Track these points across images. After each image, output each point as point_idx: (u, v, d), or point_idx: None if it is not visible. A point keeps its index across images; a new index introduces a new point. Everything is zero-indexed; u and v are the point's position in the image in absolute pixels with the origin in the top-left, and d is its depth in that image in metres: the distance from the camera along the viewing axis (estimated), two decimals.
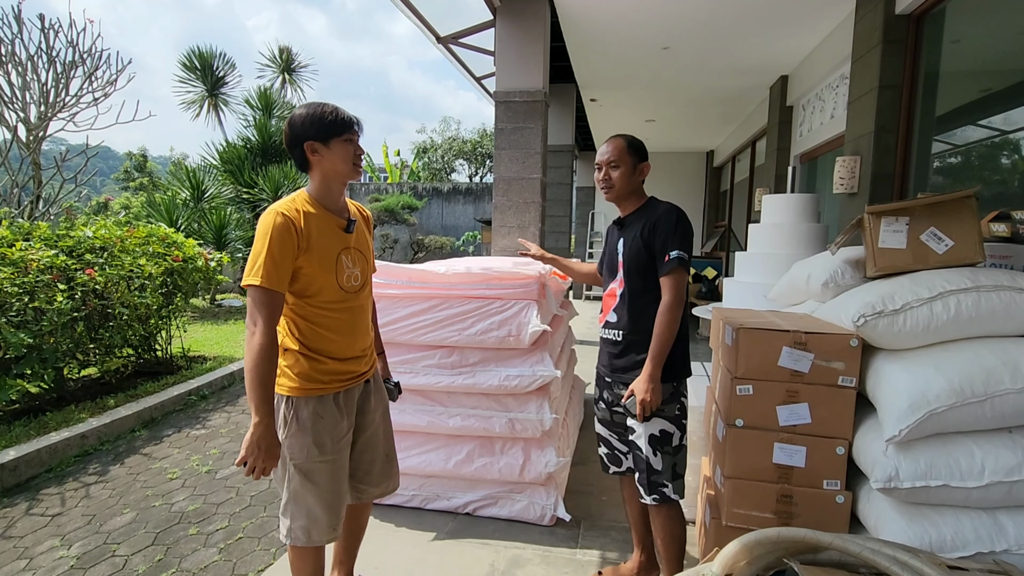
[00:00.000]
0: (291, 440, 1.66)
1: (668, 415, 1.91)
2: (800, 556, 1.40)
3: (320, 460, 1.68)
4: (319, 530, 1.72)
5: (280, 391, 1.66)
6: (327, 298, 1.66)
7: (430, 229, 19.77)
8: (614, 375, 2.03)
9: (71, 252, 4.09)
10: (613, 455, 2.15)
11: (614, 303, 2.02)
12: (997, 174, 3.21)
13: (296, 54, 13.03)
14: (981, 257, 1.78)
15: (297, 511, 1.70)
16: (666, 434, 1.91)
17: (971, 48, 3.38)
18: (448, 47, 5.57)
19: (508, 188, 4.80)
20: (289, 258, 1.55)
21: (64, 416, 3.73)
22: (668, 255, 1.84)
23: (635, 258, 1.93)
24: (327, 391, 1.70)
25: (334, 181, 1.67)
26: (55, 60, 5.96)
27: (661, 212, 1.92)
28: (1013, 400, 1.51)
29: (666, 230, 1.87)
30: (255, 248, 1.54)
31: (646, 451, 1.91)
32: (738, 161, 9.96)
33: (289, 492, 1.70)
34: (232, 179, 9.82)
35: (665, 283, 1.86)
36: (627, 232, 2.00)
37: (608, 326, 2.05)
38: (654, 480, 1.92)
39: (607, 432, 2.14)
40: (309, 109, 1.62)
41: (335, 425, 1.71)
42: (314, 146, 1.60)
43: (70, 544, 2.54)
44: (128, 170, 23.77)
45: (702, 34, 5.30)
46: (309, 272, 1.60)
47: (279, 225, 1.53)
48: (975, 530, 1.53)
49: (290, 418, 1.66)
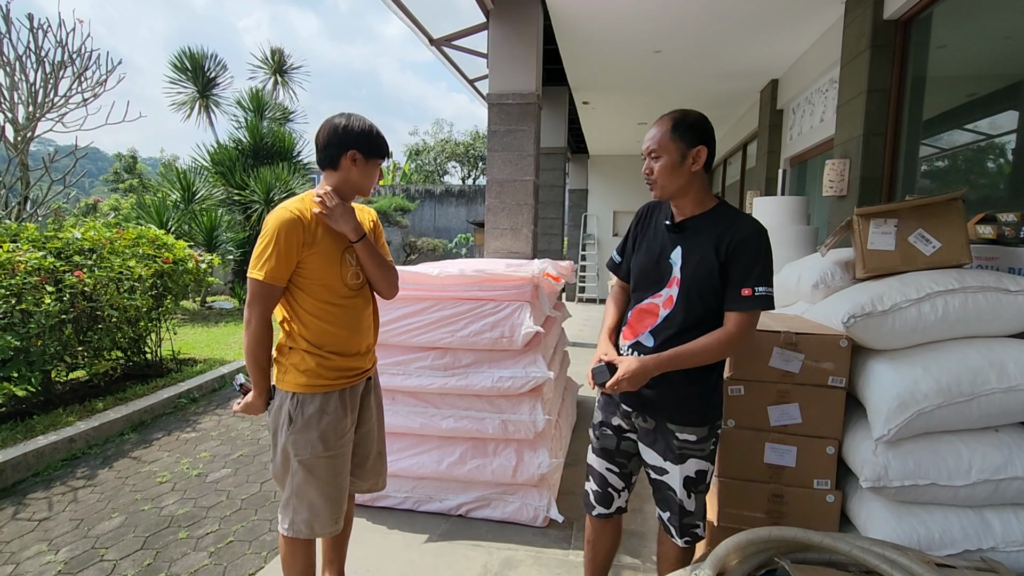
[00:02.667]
0: (296, 436, 1.71)
1: (706, 453, 1.65)
2: (791, 555, 1.42)
3: (324, 455, 1.73)
4: (322, 523, 1.76)
5: (286, 388, 1.72)
6: (331, 293, 1.72)
7: (423, 231, 19.75)
8: (639, 409, 1.69)
9: (59, 254, 4.04)
10: (605, 494, 1.81)
11: (654, 323, 1.64)
12: (983, 177, 3.26)
13: (288, 56, 12.96)
14: (968, 259, 1.81)
15: (300, 505, 1.74)
16: (701, 474, 1.66)
17: (957, 53, 3.43)
18: (441, 49, 5.58)
19: (501, 190, 4.81)
20: (294, 253, 1.64)
21: (51, 419, 3.69)
22: (753, 290, 1.52)
23: (702, 280, 1.57)
24: (333, 388, 1.75)
25: (351, 191, 1.76)
26: (44, 60, 5.90)
27: (748, 233, 1.55)
28: (999, 399, 1.53)
29: (752, 257, 1.53)
30: (262, 242, 1.62)
31: (680, 494, 1.66)
32: (729, 164, 10.04)
33: (292, 487, 1.74)
34: (223, 181, 9.74)
35: (735, 319, 1.54)
36: (690, 242, 1.61)
37: (636, 347, 1.67)
38: (686, 523, 1.68)
39: (606, 464, 1.79)
40: (364, 124, 1.72)
41: (339, 421, 1.75)
42: (356, 156, 1.70)
43: (57, 549, 2.50)
44: (118, 171, 23.53)
45: (693, 38, 5.34)
46: (314, 266, 1.68)
47: (288, 221, 1.62)
48: (963, 528, 1.55)
49: (295, 414, 1.70)
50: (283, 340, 1.74)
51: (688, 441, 1.62)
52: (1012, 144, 2.95)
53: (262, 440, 3.82)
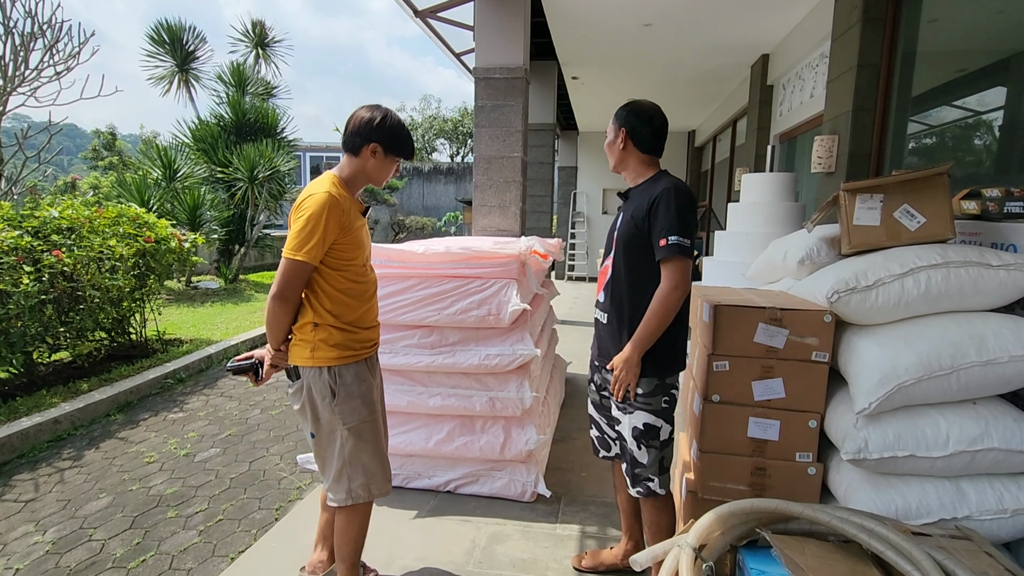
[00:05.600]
0: (341, 406, 1.81)
1: (654, 408, 1.81)
2: (772, 526, 1.44)
3: (369, 418, 1.86)
4: (378, 483, 1.89)
5: (319, 363, 1.79)
6: (357, 270, 1.85)
7: (411, 209, 19.55)
8: (600, 359, 1.96)
9: (36, 233, 3.95)
10: (603, 439, 2.07)
11: (604, 281, 1.93)
12: (970, 154, 3.26)
13: (270, 28, 12.56)
14: (952, 233, 1.82)
15: (354, 472, 1.85)
16: (651, 427, 1.81)
17: (948, 28, 3.40)
18: (426, 21, 5.44)
19: (488, 167, 4.75)
20: (334, 236, 1.73)
21: (35, 401, 3.65)
22: (666, 239, 1.70)
23: (628, 235, 1.82)
24: (361, 357, 1.87)
25: (364, 180, 1.87)
26: (12, 31, 5.67)
27: (661, 191, 1.75)
28: (978, 373, 1.55)
29: (664, 212, 1.72)
30: (307, 224, 1.67)
31: (631, 443, 1.84)
32: (719, 141, 9.99)
33: (343, 457, 1.84)
34: (206, 158, 9.54)
35: (663, 270, 1.73)
36: (628, 207, 1.88)
37: (598, 306, 1.98)
38: (638, 473, 1.86)
39: (597, 415, 2.07)
40: (394, 121, 1.83)
41: (372, 387, 1.90)
42: (377, 149, 1.80)
43: (45, 529, 2.50)
44: (96, 148, 22.89)
45: (684, 11, 5.25)
46: (347, 247, 1.78)
47: (334, 206, 1.70)
48: (939, 498, 1.59)
49: (336, 386, 1.80)
50: (308, 317, 1.79)
51: (636, 393, 1.81)
52: (999, 121, 2.94)
53: (250, 420, 3.81)
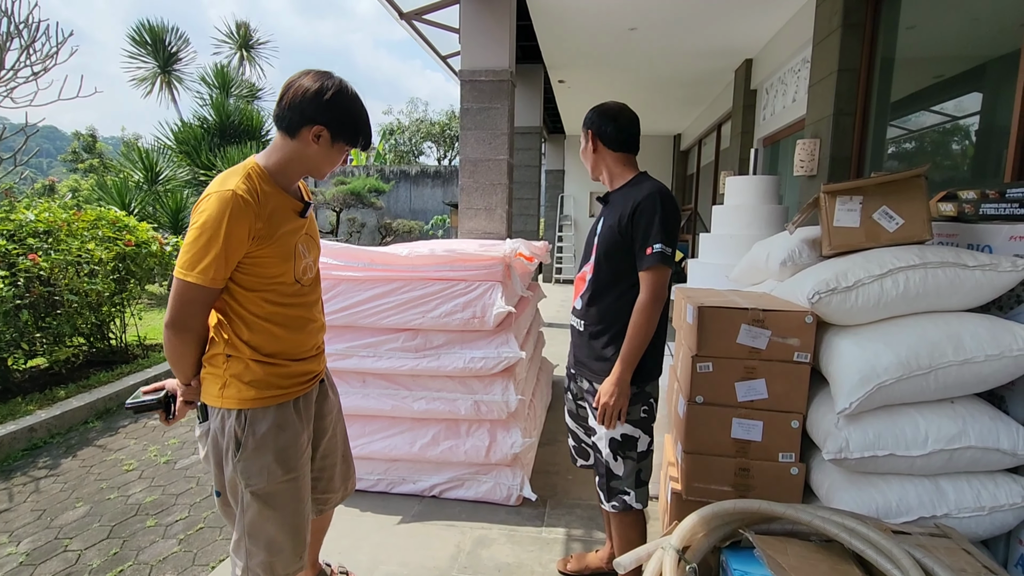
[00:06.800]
0: (246, 463, 1.40)
1: (632, 418, 1.75)
2: (755, 527, 1.45)
3: (284, 480, 1.45)
4: (283, 562, 1.48)
5: (228, 405, 1.41)
6: (282, 292, 1.44)
7: (398, 213, 19.45)
8: (576, 367, 1.90)
9: (11, 236, 3.86)
10: (580, 448, 2.02)
11: (582, 288, 1.85)
12: (947, 158, 3.32)
13: (255, 30, 12.50)
14: (929, 235, 1.84)
15: (254, 547, 1.45)
16: (629, 438, 1.75)
17: (925, 34, 3.46)
18: (412, 23, 5.42)
19: (475, 169, 4.74)
20: (242, 249, 1.32)
21: (9, 408, 3.56)
22: (650, 248, 1.64)
23: (609, 241, 1.74)
24: (287, 397, 1.47)
25: (301, 171, 1.45)
26: None
27: (643, 196, 1.68)
28: (955, 372, 1.57)
29: (647, 219, 1.65)
30: (202, 235, 1.27)
31: (606, 455, 1.77)
32: (704, 145, 10.08)
33: (243, 526, 1.44)
34: (188, 160, 9.42)
35: (643, 279, 1.67)
36: (609, 211, 1.80)
37: (574, 312, 1.90)
38: (614, 486, 1.79)
39: (574, 424, 2.01)
40: (345, 97, 1.39)
41: (298, 436, 1.48)
42: (322, 133, 1.38)
43: (19, 540, 2.43)
44: (76, 151, 22.54)
45: (669, 15, 5.29)
46: (264, 262, 1.38)
47: (239, 210, 1.28)
48: (918, 496, 1.60)
49: (243, 436, 1.40)
50: (218, 348, 1.42)
51: None
52: (975, 125, 3.00)
53: None
